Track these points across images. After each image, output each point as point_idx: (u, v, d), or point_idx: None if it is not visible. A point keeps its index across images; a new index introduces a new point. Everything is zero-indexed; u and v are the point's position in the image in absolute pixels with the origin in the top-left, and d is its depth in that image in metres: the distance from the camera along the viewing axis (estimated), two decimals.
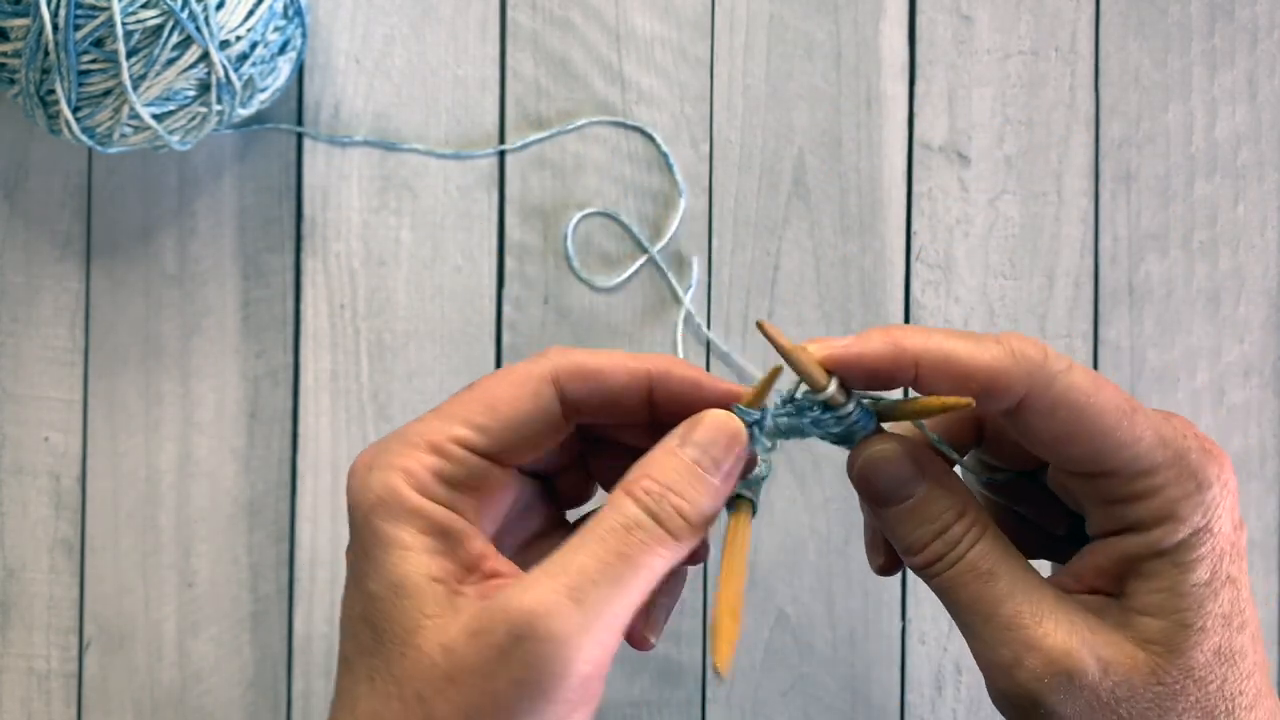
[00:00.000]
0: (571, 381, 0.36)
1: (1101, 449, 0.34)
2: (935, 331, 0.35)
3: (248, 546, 0.54)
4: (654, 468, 0.35)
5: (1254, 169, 0.56)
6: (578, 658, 0.32)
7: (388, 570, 0.34)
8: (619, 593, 0.33)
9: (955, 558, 0.36)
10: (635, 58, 0.55)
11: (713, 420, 0.36)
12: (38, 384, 0.55)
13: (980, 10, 0.56)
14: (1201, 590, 0.34)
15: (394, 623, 0.34)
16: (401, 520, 0.35)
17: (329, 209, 0.55)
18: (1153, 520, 0.34)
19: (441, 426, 0.36)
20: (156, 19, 0.46)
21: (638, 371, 0.37)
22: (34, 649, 0.54)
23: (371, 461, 0.36)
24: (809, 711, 0.54)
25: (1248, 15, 0.56)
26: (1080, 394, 0.34)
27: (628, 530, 0.34)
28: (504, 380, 0.37)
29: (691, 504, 0.35)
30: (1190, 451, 0.34)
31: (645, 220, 0.55)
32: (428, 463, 0.35)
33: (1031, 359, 0.34)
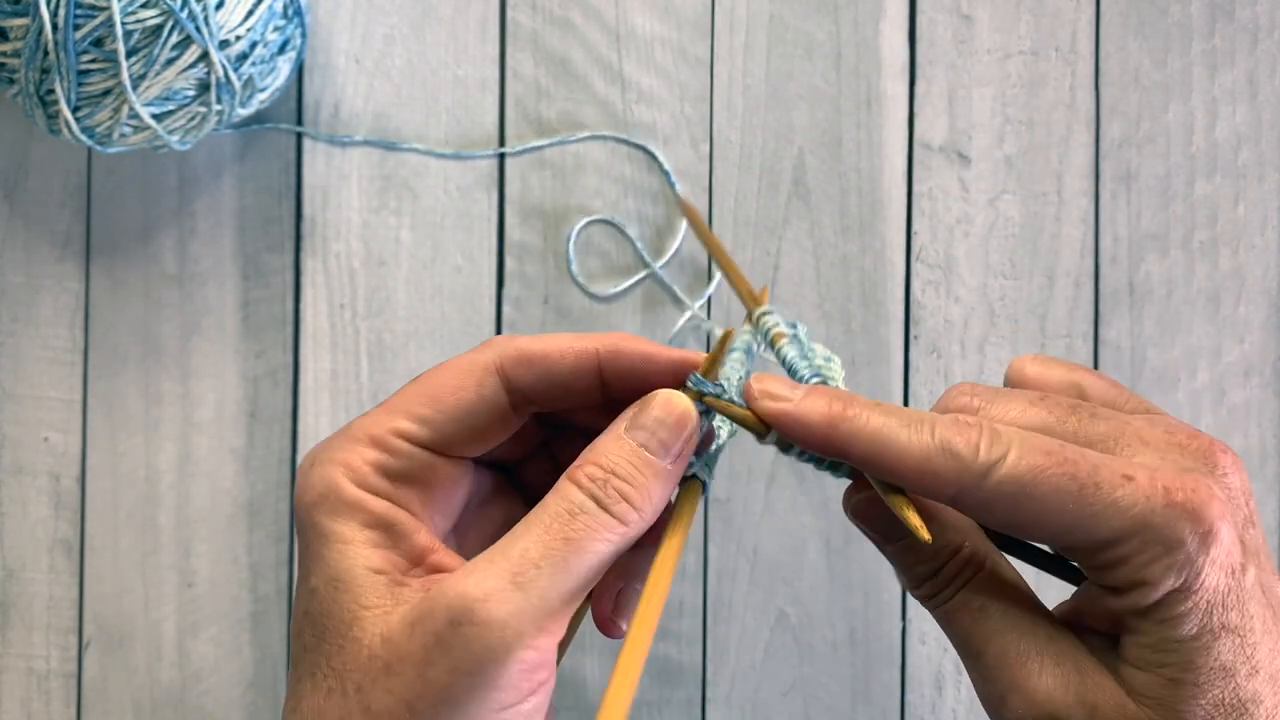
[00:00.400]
0: (516, 369, 0.36)
1: (1050, 533, 0.33)
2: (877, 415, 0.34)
3: (247, 546, 0.54)
4: (599, 453, 0.34)
5: (1254, 169, 0.55)
6: (519, 643, 0.32)
7: (328, 565, 0.34)
8: (562, 578, 0.33)
9: (949, 594, 0.35)
10: (635, 58, 0.55)
11: (661, 401, 0.35)
12: (37, 384, 0.55)
13: (980, 10, 0.56)
14: (1189, 646, 0.33)
15: (333, 617, 0.33)
16: (341, 514, 0.34)
17: (329, 209, 0.55)
18: (1125, 586, 0.33)
19: (383, 420, 0.36)
20: (156, 19, 0.46)
21: (585, 352, 0.36)
22: (34, 649, 0.54)
23: (315, 458, 0.36)
24: (809, 712, 0.54)
25: (1248, 15, 0.56)
26: (1015, 488, 0.32)
27: (571, 515, 0.33)
28: (447, 371, 0.36)
29: (638, 489, 0.34)
30: (1153, 514, 0.32)
31: (645, 221, 0.55)
32: (369, 456, 0.35)
33: (960, 456, 0.33)
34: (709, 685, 0.54)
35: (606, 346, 0.36)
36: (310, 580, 0.35)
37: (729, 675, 0.54)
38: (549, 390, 0.36)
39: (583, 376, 0.36)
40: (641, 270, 0.55)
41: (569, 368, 0.36)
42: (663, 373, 0.36)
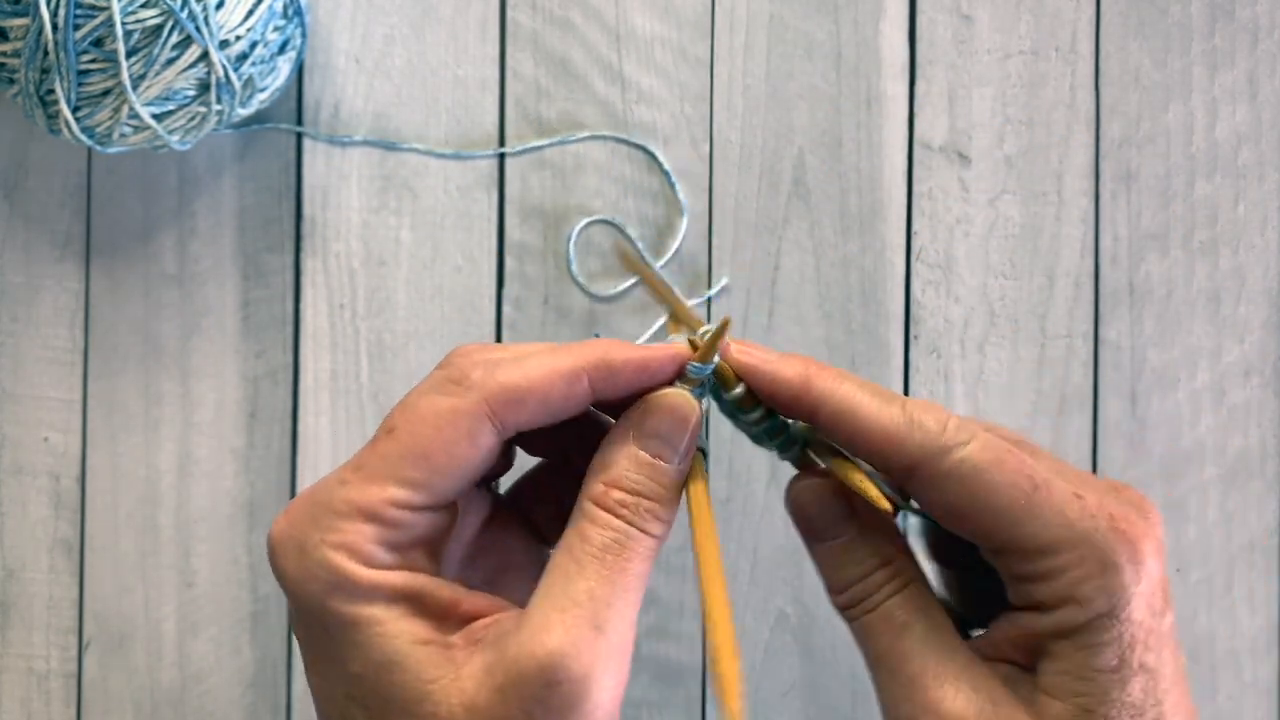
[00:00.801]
0: (507, 411, 0.34)
1: (995, 525, 0.33)
2: (851, 382, 0.34)
3: (247, 546, 0.54)
4: (618, 473, 0.34)
5: (1254, 169, 0.55)
6: (606, 688, 0.32)
7: (369, 649, 0.33)
8: (628, 610, 0.33)
9: (872, 605, 0.35)
10: (635, 58, 0.55)
11: (665, 405, 0.35)
12: (37, 384, 0.55)
13: (980, 10, 0.56)
14: (1107, 677, 0.33)
15: (392, 700, 0.32)
16: (361, 599, 0.33)
17: (329, 209, 0.55)
18: (1054, 601, 0.33)
19: (371, 490, 0.33)
20: (156, 19, 0.46)
21: (574, 376, 0.34)
22: (33, 649, 0.54)
23: (301, 540, 0.33)
24: (809, 712, 0.54)
25: (1248, 15, 0.56)
26: (973, 470, 0.33)
27: (620, 545, 0.33)
28: (431, 424, 0.33)
29: (664, 503, 0.34)
30: (1096, 532, 0.33)
31: (645, 221, 0.55)
32: (367, 533, 0.33)
33: (928, 430, 0.33)
34: (709, 685, 0.54)
35: (595, 362, 0.34)
36: (347, 667, 0.33)
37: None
38: (539, 419, 0.35)
39: (574, 400, 0.35)
40: (630, 279, 0.55)
41: (559, 398, 0.34)
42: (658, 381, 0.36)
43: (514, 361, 0.34)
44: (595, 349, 0.35)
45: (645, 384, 0.35)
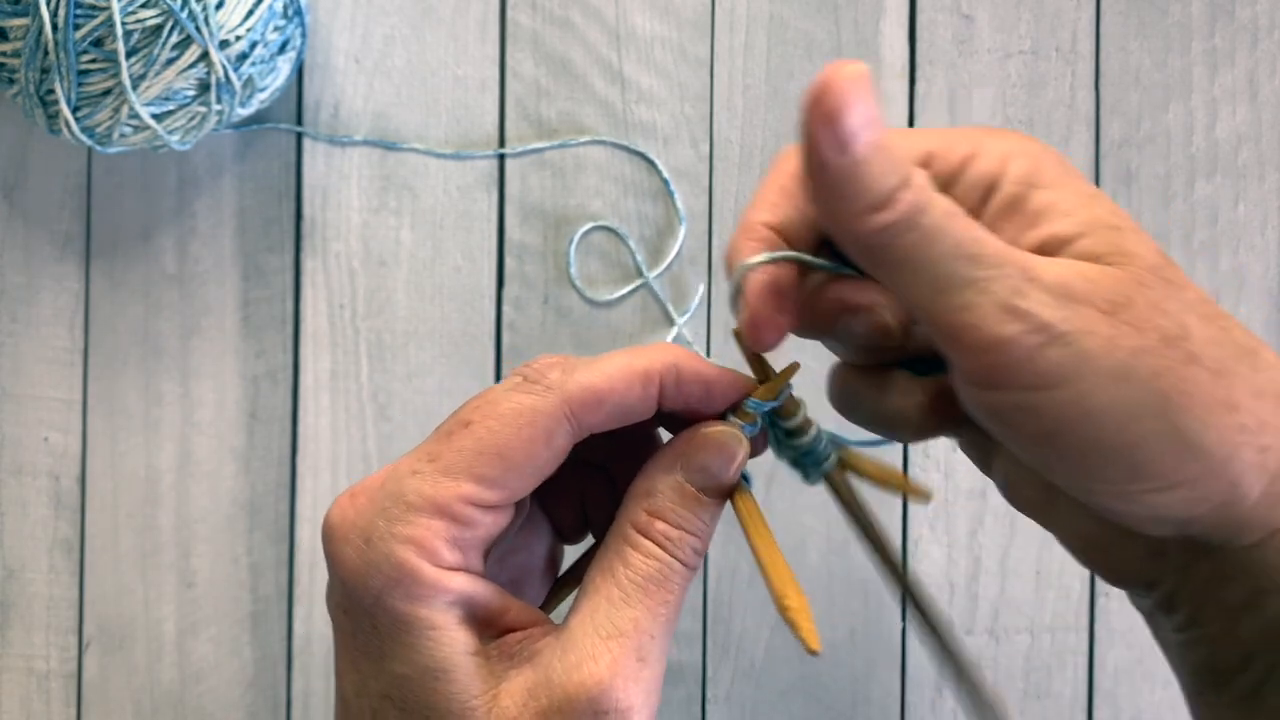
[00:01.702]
0: (586, 413, 0.33)
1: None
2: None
3: (247, 547, 0.54)
4: (662, 503, 0.34)
5: (1254, 169, 0.55)
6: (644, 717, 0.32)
7: (418, 653, 0.32)
8: (667, 640, 0.33)
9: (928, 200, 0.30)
10: (635, 58, 0.55)
11: (715, 440, 0.34)
12: (37, 384, 0.55)
13: (980, 10, 0.55)
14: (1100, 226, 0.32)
15: (434, 708, 0.32)
16: (421, 600, 0.32)
17: (329, 209, 0.55)
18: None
19: (447, 484, 0.32)
20: (156, 18, 0.46)
21: (649, 379, 0.33)
22: (33, 649, 0.54)
23: (367, 529, 0.32)
24: (809, 712, 0.54)
25: (1248, 15, 0.56)
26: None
27: (665, 577, 0.33)
28: (510, 423, 0.32)
29: (703, 538, 0.34)
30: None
31: (645, 221, 0.55)
32: (438, 530, 0.32)
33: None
34: (709, 685, 0.54)
35: (666, 367, 0.34)
36: (393, 665, 0.32)
37: (729, 675, 0.54)
38: (613, 422, 0.34)
39: (647, 402, 0.34)
40: (639, 277, 0.55)
41: (634, 400, 0.33)
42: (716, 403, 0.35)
43: (591, 363, 0.34)
44: (668, 354, 0.34)
45: (704, 403, 0.35)
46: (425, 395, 0.54)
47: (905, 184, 0.30)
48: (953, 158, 0.33)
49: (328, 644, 0.54)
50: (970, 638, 0.54)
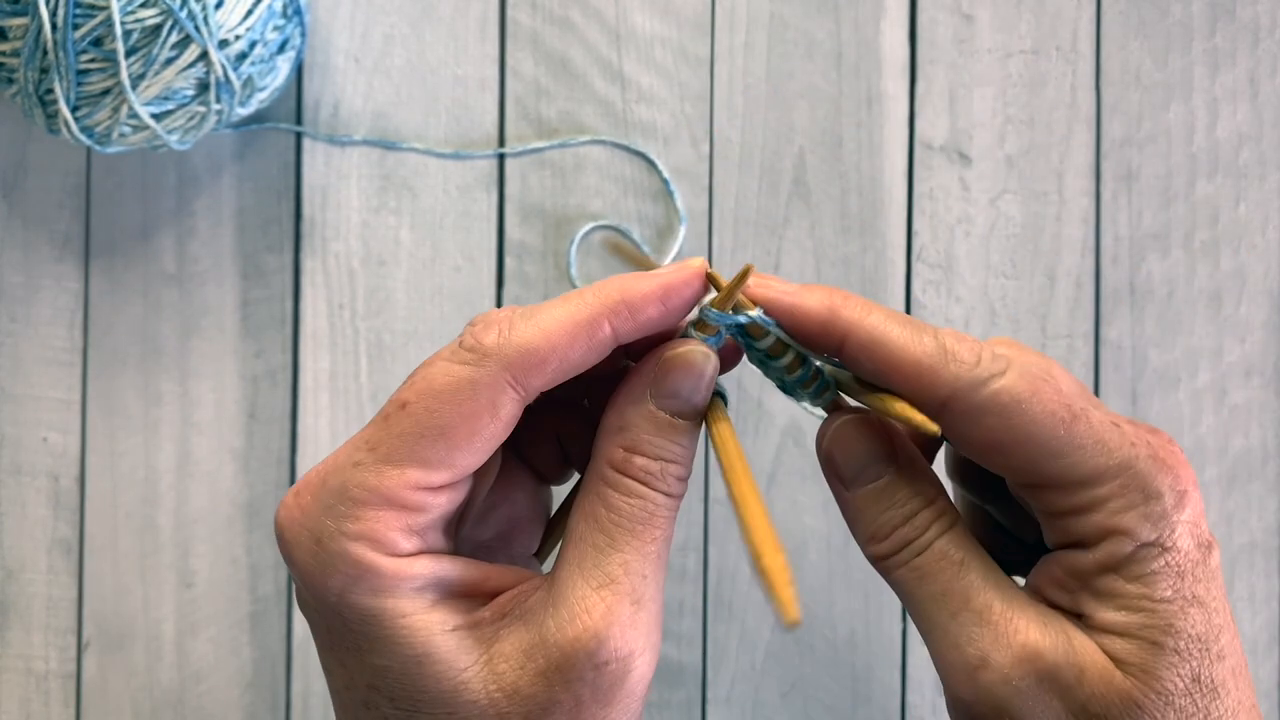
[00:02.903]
0: (529, 377, 0.32)
1: (1034, 458, 0.32)
2: (879, 311, 0.33)
3: (246, 547, 0.54)
4: (637, 436, 0.33)
5: (1255, 168, 0.55)
6: (647, 661, 0.32)
7: (394, 644, 0.31)
8: (661, 577, 0.33)
9: (924, 544, 0.33)
10: (635, 57, 0.55)
11: (682, 361, 0.33)
12: (37, 384, 0.55)
13: (981, 9, 0.55)
14: (1167, 608, 0.31)
15: (424, 690, 0.31)
16: (385, 592, 0.31)
17: (328, 209, 0.55)
18: (1097, 535, 0.32)
19: (390, 473, 0.31)
20: (155, 18, 0.46)
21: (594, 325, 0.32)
22: (33, 649, 0.54)
23: (316, 530, 0.31)
24: (809, 712, 0.54)
25: (1249, 14, 0.56)
26: (1009, 399, 0.31)
27: (651, 515, 0.32)
28: (449, 400, 0.31)
29: (683, 463, 0.33)
30: (1137, 460, 0.31)
31: (645, 220, 0.55)
32: (389, 521, 0.31)
33: (962, 361, 0.32)
34: (709, 685, 0.54)
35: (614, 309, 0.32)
36: (373, 658, 0.31)
37: (729, 676, 0.54)
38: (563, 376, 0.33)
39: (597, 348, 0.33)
40: None
41: (581, 353, 0.32)
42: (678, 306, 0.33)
43: (528, 319, 0.32)
44: (610, 289, 0.32)
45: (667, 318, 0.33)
46: None
47: (906, 521, 0.33)
48: None
49: None
50: None
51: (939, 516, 0.34)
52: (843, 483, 0.35)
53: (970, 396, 0.32)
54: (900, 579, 0.34)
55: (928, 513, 0.34)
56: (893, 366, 0.32)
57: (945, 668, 0.33)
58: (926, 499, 0.34)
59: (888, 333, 0.32)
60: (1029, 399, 0.32)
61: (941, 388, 0.32)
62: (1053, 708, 0.32)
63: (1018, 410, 0.32)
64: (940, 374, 0.32)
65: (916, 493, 0.34)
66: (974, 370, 0.32)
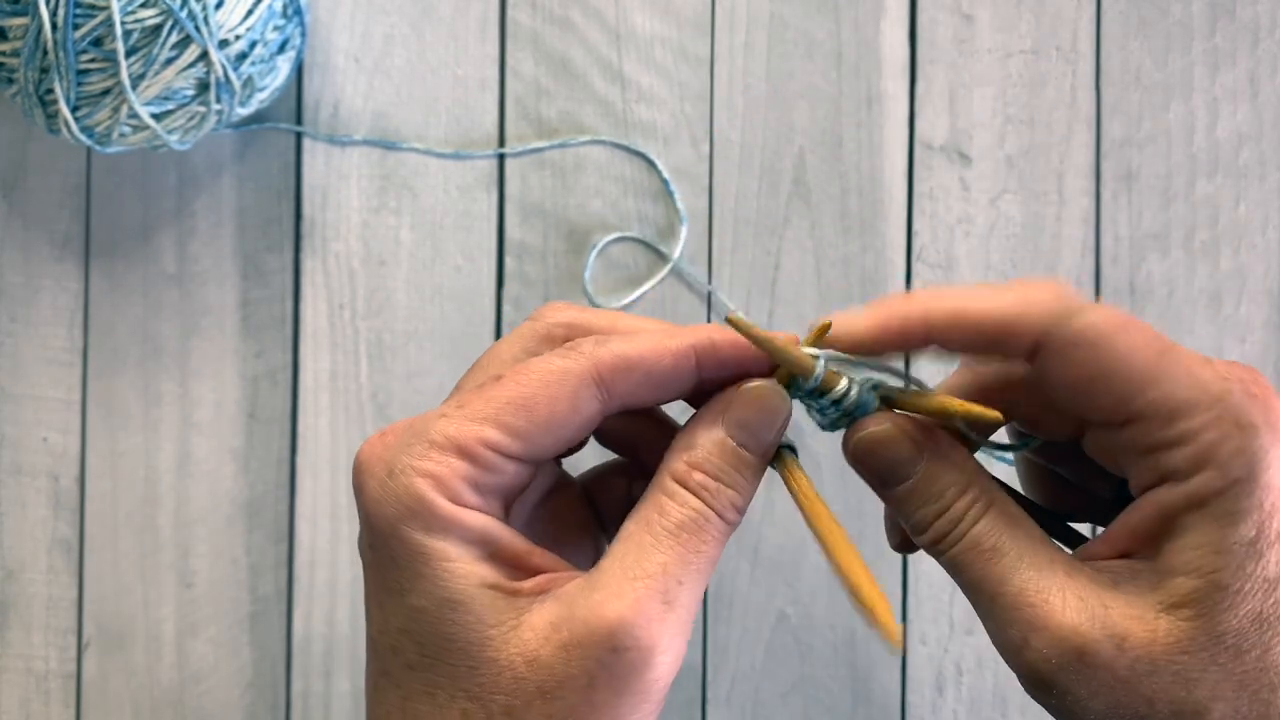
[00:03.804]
0: (614, 378, 0.34)
1: (1127, 389, 0.32)
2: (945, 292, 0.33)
3: (246, 547, 0.54)
4: (702, 455, 0.34)
5: (1255, 168, 0.55)
6: (667, 663, 0.32)
7: (434, 585, 0.32)
8: (698, 589, 0.33)
9: (958, 535, 0.34)
10: (635, 57, 0.55)
11: (756, 395, 0.34)
12: (37, 384, 0.55)
13: (981, 9, 0.55)
14: (1243, 549, 0.31)
15: (451, 639, 0.32)
16: (437, 532, 0.32)
17: (328, 209, 0.55)
18: (1189, 468, 0.32)
19: (469, 427, 0.33)
20: (155, 18, 0.46)
21: (683, 353, 0.34)
22: (33, 649, 0.54)
23: (391, 463, 0.33)
24: (810, 712, 0.54)
25: (1249, 14, 0.56)
26: (1098, 332, 0.32)
27: (698, 525, 0.33)
28: (538, 378, 0.33)
29: (742, 493, 0.34)
30: (1231, 394, 0.31)
31: (645, 220, 0.55)
32: (457, 468, 0.33)
33: (1044, 300, 0.32)
34: (709, 685, 0.54)
35: (701, 342, 0.34)
36: (410, 599, 0.33)
37: (729, 676, 0.54)
38: (645, 395, 0.35)
39: (680, 377, 0.34)
40: (647, 281, 0.55)
41: (666, 371, 0.34)
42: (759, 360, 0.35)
43: (627, 335, 0.34)
44: (702, 330, 0.35)
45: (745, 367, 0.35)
46: (425, 395, 0.54)
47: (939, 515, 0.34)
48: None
49: (327, 644, 0.54)
50: (970, 637, 0.54)
51: (973, 504, 0.34)
52: (877, 485, 0.36)
53: (1060, 332, 0.32)
54: (947, 564, 0.35)
55: (961, 502, 0.34)
56: (980, 326, 0.33)
57: (997, 646, 0.34)
58: (959, 489, 0.35)
59: (965, 302, 0.33)
60: (1118, 331, 0.32)
61: (1030, 329, 0.33)
62: (1098, 678, 0.32)
63: (1108, 342, 0.32)
64: (1027, 317, 0.32)
65: (948, 485, 0.35)
66: (1060, 308, 0.32)
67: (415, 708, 0.33)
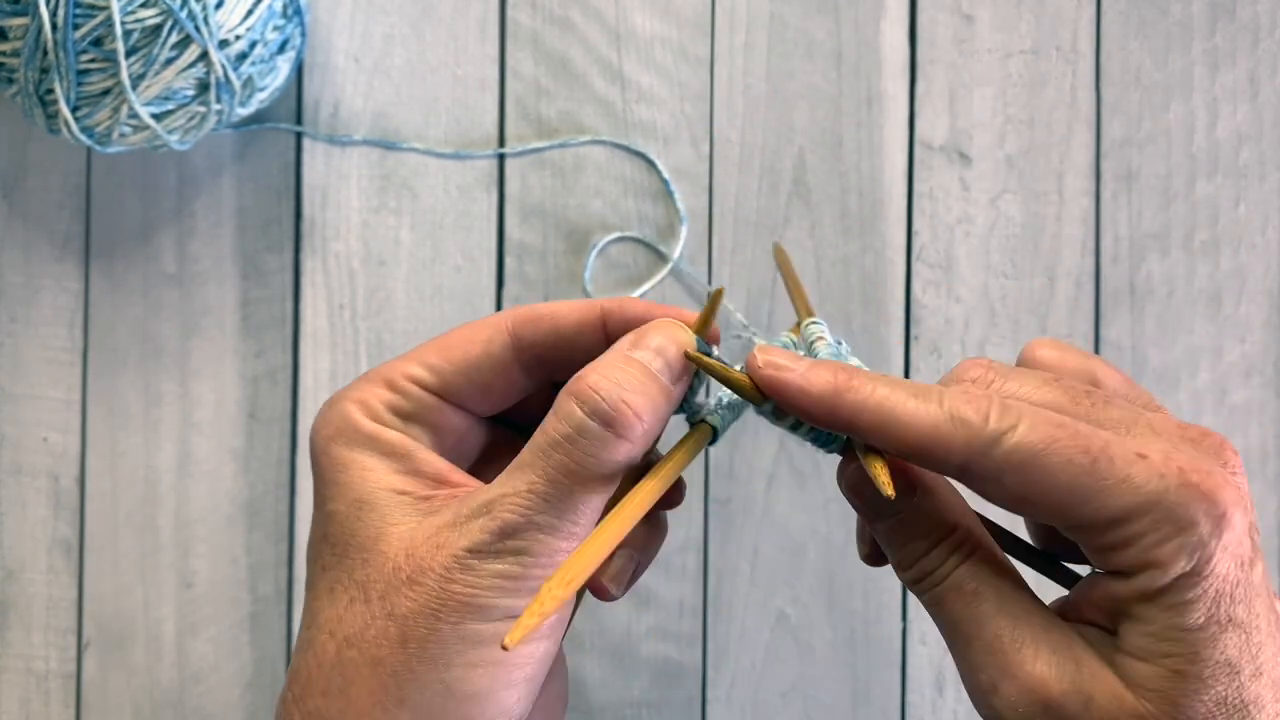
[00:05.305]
0: (524, 326, 0.38)
1: (1060, 507, 0.32)
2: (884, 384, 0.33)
3: (247, 547, 0.54)
4: (602, 366, 0.35)
5: (1255, 168, 0.55)
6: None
7: (349, 489, 0.36)
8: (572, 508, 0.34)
9: (940, 576, 0.35)
10: (635, 57, 0.55)
11: (664, 326, 0.36)
12: (37, 384, 0.55)
13: (981, 9, 0.55)
14: (1196, 636, 0.31)
15: (357, 535, 0.35)
16: (358, 444, 0.37)
17: (328, 209, 0.55)
18: (1134, 567, 0.32)
19: (398, 365, 0.38)
20: (155, 18, 0.46)
21: (589, 309, 0.38)
22: (33, 650, 0.54)
23: (334, 398, 0.38)
24: (809, 712, 0.54)
25: (1249, 14, 0.56)
26: (1024, 456, 0.32)
27: (571, 442, 0.34)
28: (464, 328, 0.39)
29: (644, 396, 0.34)
30: (1167, 492, 0.31)
31: (645, 220, 0.55)
32: (381, 396, 0.38)
33: (970, 423, 0.32)
34: (709, 686, 0.54)
35: (610, 304, 0.38)
36: (329, 505, 0.36)
37: (729, 676, 0.54)
38: (555, 346, 0.38)
39: (587, 331, 0.38)
40: (647, 281, 0.55)
41: (573, 323, 0.38)
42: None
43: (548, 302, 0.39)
44: (617, 298, 0.39)
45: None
46: None
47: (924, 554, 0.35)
48: None
49: None
50: None
51: (955, 549, 0.35)
52: (866, 516, 0.37)
53: (984, 460, 0.32)
54: (926, 603, 0.36)
55: (943, 546, 0.35)
56: (905, 443, 0.33)
57: (967, 688, 0.35)
58: (942, 530, 0.35)
59: (894, 407, 0.33)
60: (1044, 450, 0.32)
61: (955, 456, 0.32)
62: None
63: (1034, 464, 0.32)
64: (952, 443, 0.32)
65: (932, 526, 0.35)
66: (983, 432, 0.32)
67: (319, 604, 0.36)
